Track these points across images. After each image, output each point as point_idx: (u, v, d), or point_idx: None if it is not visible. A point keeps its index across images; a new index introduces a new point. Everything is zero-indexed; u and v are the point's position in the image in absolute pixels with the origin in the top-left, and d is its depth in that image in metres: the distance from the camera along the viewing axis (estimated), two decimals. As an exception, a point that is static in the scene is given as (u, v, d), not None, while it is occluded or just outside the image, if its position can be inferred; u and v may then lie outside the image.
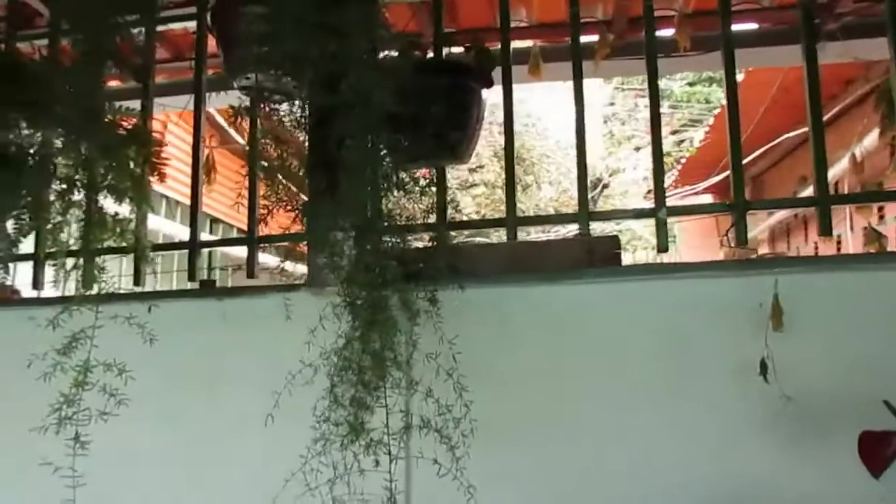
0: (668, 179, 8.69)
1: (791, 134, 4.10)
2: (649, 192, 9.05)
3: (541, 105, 6.98)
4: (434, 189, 1.53)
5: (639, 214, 1.59)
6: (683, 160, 8.27)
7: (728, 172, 1.52)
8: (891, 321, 1.31)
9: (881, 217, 4.80)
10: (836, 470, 1.24)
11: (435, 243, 1.49)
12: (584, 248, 1.44)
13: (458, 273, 1.43)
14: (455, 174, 7.85)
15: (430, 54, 1.68)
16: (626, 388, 1.40)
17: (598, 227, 1.62)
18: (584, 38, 1.57)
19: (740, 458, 1.34)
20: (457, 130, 1.44)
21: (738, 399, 1.34)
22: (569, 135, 8.39)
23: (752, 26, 2.39)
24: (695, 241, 8.53)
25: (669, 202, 1.53)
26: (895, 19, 1.43)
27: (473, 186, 7.00)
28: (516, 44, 1.96)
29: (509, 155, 1.57)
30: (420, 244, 1.53)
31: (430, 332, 1.41)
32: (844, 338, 1.32)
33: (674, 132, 8.57)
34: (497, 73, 1.64)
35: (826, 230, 1.38)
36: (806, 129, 1.45)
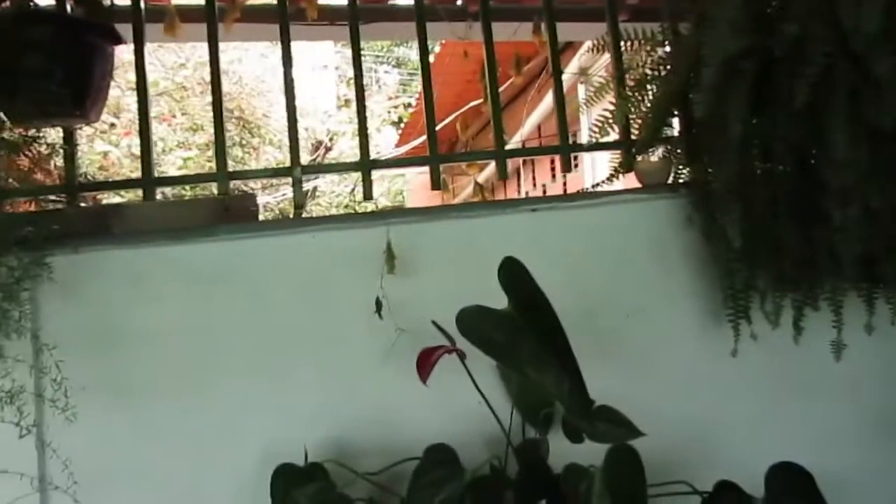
0: (392, 140, 9.15)
1: (475, 103, 4.58)
2: (378, 153, 9.41)
3: (258, 65, 6.83)
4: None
5: (276, 173, 1.68)
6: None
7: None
8: (483, 260, 1.56)
9: (553, 175, 5.64)
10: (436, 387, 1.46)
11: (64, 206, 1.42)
12: (221, 205, 1.49)
13: (91, 234, 1.39)
14: (173, 137, 7.34)
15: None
16: (270, 337, 1.50)
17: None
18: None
19: (371, 385, 1.51)
20: (74, 88, 1.37)
21: (366, 335, 1.51)
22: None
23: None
24: (420, 196, 9.11)
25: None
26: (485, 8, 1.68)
27: (184, 146, 6.65)
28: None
29: (143, 113, 1.54)
30: (49, 207, 1.45)
31: (52, 297, 1.36)
32: (448, 277, 1.55)
33: (389, 98, 9.04)
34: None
35: (436, 185, 1.62)
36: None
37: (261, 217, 1.59)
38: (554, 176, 5.48)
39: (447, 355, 1.24)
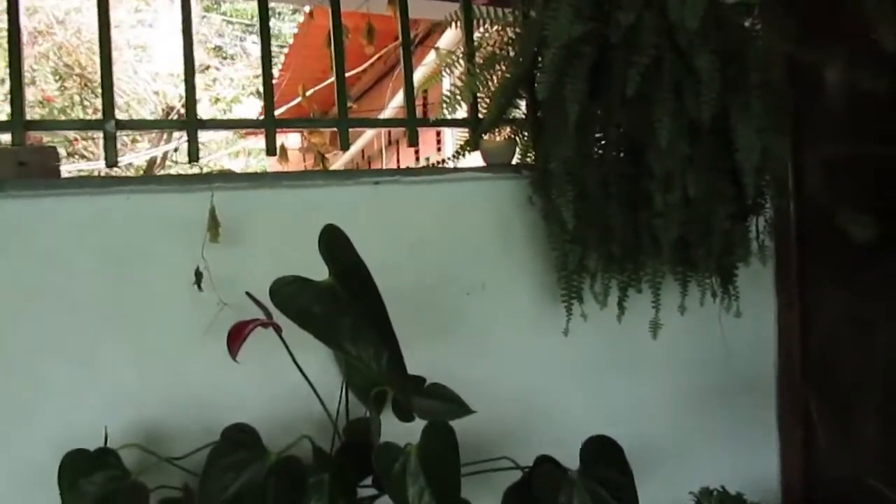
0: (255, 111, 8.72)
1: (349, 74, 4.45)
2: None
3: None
4: None
5: (86, 126, 1.50)
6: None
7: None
8: (318, 233, 1.49)
9: (417, 158, 5.62)
10: (263, 365, 1.36)
11: None
12: (14, 158, 1.30)
13: None
14: None
15: None
16: (71, 309, 1.34)
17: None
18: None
19: (189, 364, 1.40)
20: None
21: (184, 309, 1.39)
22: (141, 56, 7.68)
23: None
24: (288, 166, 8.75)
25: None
26: None
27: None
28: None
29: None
30: None
31: None
32: (280, 249, 1.45)
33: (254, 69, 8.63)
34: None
35: (271, 151, 1.52)
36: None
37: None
38: (418, 158, 5.46)
39: (262, 329, 1.15)
